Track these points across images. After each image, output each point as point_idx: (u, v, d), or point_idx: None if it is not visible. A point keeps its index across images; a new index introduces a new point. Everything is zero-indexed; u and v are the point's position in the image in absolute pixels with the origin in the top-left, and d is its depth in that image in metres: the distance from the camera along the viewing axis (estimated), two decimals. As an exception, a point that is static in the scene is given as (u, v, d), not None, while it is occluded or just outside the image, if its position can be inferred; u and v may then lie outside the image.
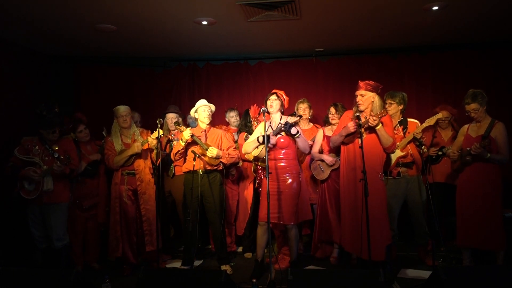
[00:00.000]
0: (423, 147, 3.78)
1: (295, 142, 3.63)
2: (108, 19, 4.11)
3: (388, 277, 3.36)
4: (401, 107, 3.91)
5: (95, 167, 4.09)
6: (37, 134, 3.78)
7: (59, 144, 3.80)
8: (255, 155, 3.75)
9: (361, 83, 3.46)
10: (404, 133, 3.85)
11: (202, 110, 4.02)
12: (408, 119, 3.95)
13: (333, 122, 4.10)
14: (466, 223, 3.58)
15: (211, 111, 4.06)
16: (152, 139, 3.82)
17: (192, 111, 4.08)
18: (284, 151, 3.65)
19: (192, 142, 3.91)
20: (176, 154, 3.95)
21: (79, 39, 4.73)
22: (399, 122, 3.91)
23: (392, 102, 3.89)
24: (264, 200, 3.46)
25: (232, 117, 4.83)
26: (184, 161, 4.05)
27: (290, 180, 3.62)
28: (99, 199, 4.17)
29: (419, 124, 3.91)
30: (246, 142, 3.85)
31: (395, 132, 3.83)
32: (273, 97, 3.68)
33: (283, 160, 3.64)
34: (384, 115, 3.34)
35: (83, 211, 4.06)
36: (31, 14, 3.90)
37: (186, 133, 3.81)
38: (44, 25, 4.22)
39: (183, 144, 3.87)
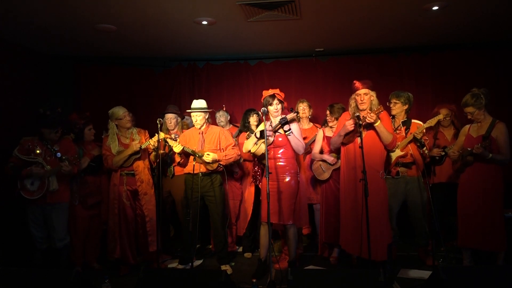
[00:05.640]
0: (424, 148, 3.77)
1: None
2: (108, 19, 4.11)
3: (388, 277, 3.36)
4: (406, 107, 3.90)
5: (98, 162, 4.08)
6: (37, 133, 3.76)
7: (59, 144, 3.80)
8: (253, 151, 3.72)
9: (359, 83, 3.46)
10: (406, 134, 3.84)
11: (194, 115, 3.99)
12: (412, 120, 3.93)
13: (330, 124, 4.13)
14: (467, 223, 3.57)
15: (203, 116, 3.98)
16: (154, 141, 3.80)
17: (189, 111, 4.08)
18: (282, 149, 3.63)
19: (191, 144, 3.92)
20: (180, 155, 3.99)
21: (79, 39, 4.73)
22: (402, 122, 3.90)
23: (397, 101, 3.89)
24: (265, 200, 3.45)
25: (217, 118, 4.81)
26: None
27: (288, 179, 3.60)
28: (102, 196, 4.17)
29: (422, 125, 3.90)
30: (247, 140, 3.80)
31: (398, 132, 3.84)
32: (276, 101, 3.61)
33: (281, 159, 3.63)
34: (381, 111, 3.34)
35: (87, 208, 4.04)
36: (31, 14, 3.90)
37: (177, 149, 3.83)
38: (44, 25, 4.21)
39: (179, 156, 3.96)
